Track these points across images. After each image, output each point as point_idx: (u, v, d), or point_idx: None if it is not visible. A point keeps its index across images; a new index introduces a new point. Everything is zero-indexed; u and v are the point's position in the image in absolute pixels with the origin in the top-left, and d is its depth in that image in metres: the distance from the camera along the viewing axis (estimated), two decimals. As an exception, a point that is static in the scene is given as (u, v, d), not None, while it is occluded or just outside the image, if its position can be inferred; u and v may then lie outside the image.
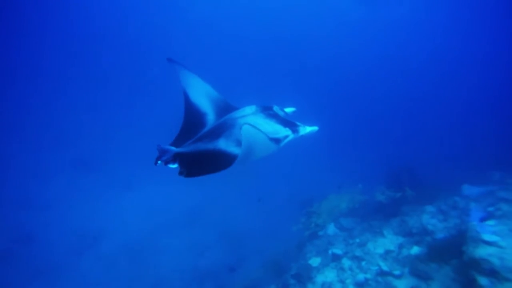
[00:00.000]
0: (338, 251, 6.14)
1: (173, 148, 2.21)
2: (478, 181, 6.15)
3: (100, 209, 12.88)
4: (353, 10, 22.57)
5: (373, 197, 6.62)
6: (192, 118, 2.75)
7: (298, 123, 2.47)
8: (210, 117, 2.74)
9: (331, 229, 7.31)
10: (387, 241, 5.65)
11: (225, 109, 2.79)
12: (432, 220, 5.42)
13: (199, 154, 2.23)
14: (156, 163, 2.17)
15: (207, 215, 12.18)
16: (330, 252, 6.27)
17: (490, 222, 4.50)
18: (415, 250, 5.14)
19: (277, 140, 2.22)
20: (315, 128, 2.49)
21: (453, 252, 4.59)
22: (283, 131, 2.32)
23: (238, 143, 2.08)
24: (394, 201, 6.16)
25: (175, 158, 2.18)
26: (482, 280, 3.80)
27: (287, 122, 2.46)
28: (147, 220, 12.40)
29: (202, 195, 13.61)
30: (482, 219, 4.66)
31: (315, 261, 6.51)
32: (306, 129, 2.45)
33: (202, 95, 2.82)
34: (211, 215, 12.14)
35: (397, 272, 4.89)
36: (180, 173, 2.11)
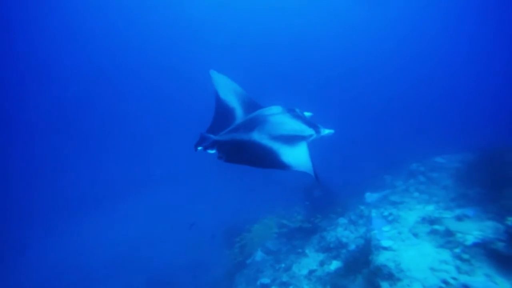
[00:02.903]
0: (266, 280, 6.33)
1: (212, 135, 2.65)
2: (377, 187, 7.33)
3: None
4: (355, 10, 25.45)
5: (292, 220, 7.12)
6: (222, 112, 3.26)
7: (318, 125, 2.87)
8: (238, 112, 3.23)
9: (259, 255, 7.51)
10: (310, 260, 6.13)
11: (250, 104, 3.35)
12: (345, 232, 6.17)
13: (235, 143, 2.62)
14: (196, 149, 2.57)
15: (130, 260, 11.23)
16: (258, 282, 6.41)
17: (386, 228, 5.39)
18: (334, 265, 5.73)
19: (303, 138, 2.62)
20: (331, 131, 2.90)
21: (363, 261, 5.27)
22: (308, 130, 2.71)
23: (270, 136, 2.55)
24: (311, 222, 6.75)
25: (213, 145, 2.60)
26: (384, 285, 4.46)
27: (310, 123, 2.86)
28: (55, 281, 10.55)
29: (123, 238, 12.46)
30: (381, 226, 5.52)
31: (245, 295, 6.55)
32: (325, 131, 2.85)
33: (230, 92, 3.40)
34: (135, 259, 11.22)
35: (320, 292, 5.32)
36: (219, 158, 2.50)
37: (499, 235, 4.45)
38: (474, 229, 4.98)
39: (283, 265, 6.46)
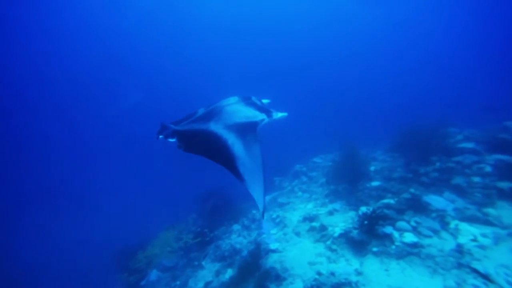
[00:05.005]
0: (160, 302, 6.00)
1: (172, 126, 2.91)
2: (268, 189, 7.99)
3: None
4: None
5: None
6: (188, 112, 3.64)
7: (271, 110, 3.17)
8: (201, 108, 3.53)
9: (154, 274, 7.05)
10: (206, 272, 6.16)
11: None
12: (239, 238, 6.48)
13: (194, 132, 2.85)
14: (157, 137, 2.86)
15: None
16: (152, 307, 6.02)
17: (274, 230, 5.95)
18: (229, 273, 5.93)
19: (255, 123, 2.86)
20: (285, 114, 3.19)
21: (255, 266, 5.67)
22: (260, 116, 2.99)
23: (225, 125, 2.79)
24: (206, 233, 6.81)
25: (174, 134, 2.80)
26: (272, 287, 4.93)
27: (263, 109, 3.17)
28: None
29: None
30: (270, 229, 6.07)
31: (138, 323, 6.05)
32: (278, 115, 3.14)
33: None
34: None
35: (215, 304, 5.43)
36: (179, 147, 2.68)
37: (354, 224, 5.60)
38: (340, 221, 6.11)
39: (178, 282, 6.26)
